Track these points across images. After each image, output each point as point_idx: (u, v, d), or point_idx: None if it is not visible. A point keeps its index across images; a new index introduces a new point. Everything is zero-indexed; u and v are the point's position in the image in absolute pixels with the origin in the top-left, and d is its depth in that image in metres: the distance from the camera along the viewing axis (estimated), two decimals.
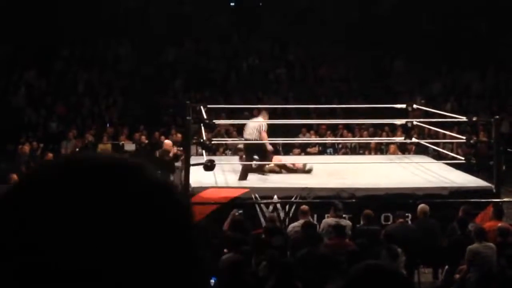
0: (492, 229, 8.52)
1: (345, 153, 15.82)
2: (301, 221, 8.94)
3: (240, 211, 9.50)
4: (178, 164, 12.16)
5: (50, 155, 13.52)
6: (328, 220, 9.33)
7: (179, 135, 15.09)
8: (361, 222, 9.31)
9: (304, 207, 9.44)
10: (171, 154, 12.12)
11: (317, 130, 16.70)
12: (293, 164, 12.04)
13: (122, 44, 21.20)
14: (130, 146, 14.43)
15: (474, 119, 13.20)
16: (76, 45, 20.63)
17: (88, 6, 20.48)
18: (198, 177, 10.58)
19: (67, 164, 0.73)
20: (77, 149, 14.91)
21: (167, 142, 12.98)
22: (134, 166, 0.74)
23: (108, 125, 17.08)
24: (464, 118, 13.28)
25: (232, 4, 22.90)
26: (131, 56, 20.88)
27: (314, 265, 7.52)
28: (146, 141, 15.45)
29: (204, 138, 12.06)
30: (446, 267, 8.68)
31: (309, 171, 11.74)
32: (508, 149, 14.44)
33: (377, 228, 9.04)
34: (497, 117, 12.56)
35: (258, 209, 10.17)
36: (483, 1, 20.90)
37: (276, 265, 7.01)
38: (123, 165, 0.73)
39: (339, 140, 16.15)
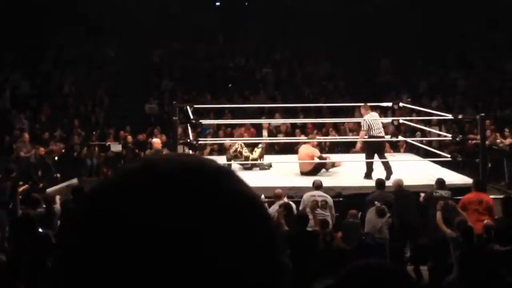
0: (472, 201, 8.99)
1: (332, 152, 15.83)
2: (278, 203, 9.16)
3: None
4: None
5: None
6: (308, 193, 9.64)
7: (163, 136, 15.06)
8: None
9: (279, 190, 9.68)
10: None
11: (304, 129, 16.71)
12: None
13: (109, 45, 21.13)
14: (116, 147, 14.38)
15: (460, 116, 13.28)
16: (63, 46, 20.53)
17: (74, 7, 20.40)
18: None
19: (154, 168, 0.70)
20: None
21: (157, 141, 12.92)
22: (223, 172, 0.72)
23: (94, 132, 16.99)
24: (450, 116, 13.35)
25: (217, 4, 22.87)
26: (118, 57, 20.82)
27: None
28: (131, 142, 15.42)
29: (191, 138, 12.07)
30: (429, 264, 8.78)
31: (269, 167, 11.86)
32: (494, 146, 14.54)
33: (358, 222, 9.27)
34: (483, 114, 12.65)
35: None
36: (470, 1, 21.00)
37: None
38: (210, 170, 0.71)
39: (326, 139, 16.14)
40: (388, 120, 14.54)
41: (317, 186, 9.76)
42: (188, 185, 0.68)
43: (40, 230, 7.31)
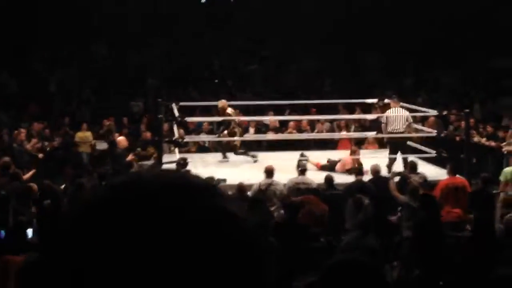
0: (449, 188, 9.47)
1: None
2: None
3: (224, 178, 9.91)
4: (151, 162, 12.12)
5: None
6: (293, 178, 9.89)
7: (148, 134, 15.02)
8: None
9: (269, 166, 9.90)
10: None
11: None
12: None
13: (96, 43, 21.05)
14: (102, 145, 14.34)
15: (445, 112, 13.36)
16: (50, 45, 20.43)
17: (62, 6, 20.29)
18: None
19: (135, 186, 0.70)
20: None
21: (122, 139, 12.85)
22: (205, 189, 0.72)
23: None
24: (435, 112, 13.42)
25: (203, 1, 22.80)
26: (106, 56, 20.75)
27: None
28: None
29: (177, 135, 12.06)
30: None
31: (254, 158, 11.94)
32: (479, 142, 14.60)
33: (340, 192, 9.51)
34: (467, 110, 12.73)
35: None
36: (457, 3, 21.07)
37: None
38: (195, 187, 0.72)
39: (314, 135, 16.11)
40: (374, 116, 14.60)
41: (267, 171, 9.83)
42: (171, 203, 0.68)
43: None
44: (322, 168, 11.65)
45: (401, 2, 21.34)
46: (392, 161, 11.61)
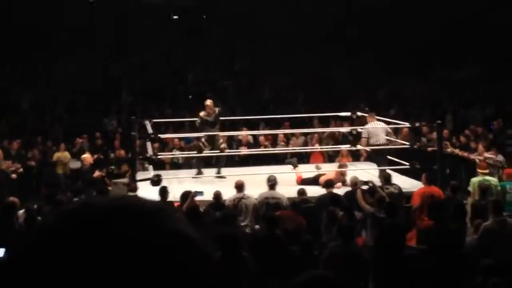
0: (422, 193, 9.76)
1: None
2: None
3: (201, 191, 9.80)
4: (125, 180, 12.03)
5: None
6: (263, 193, 9.89)
7: (122, 152, 14.94)
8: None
9: (239, 180, 9.94)
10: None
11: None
12: None
13: (67, 60, 20.91)
14: (75, 164, 14.22)
15: (417, 124, 13.47)
16: (19, 62, 20.28)
17: (32, 21, 20.16)
18: (145, 192, 10.50)
19: (82, 214, 0.69)
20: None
21: (87, 156, 12.78)
22: (156, 212, 0.71)
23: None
24: (407, 124, 13.53)
25: (175, 17, 22.85)
26: (76, 72, 20.62)
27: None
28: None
29: (150, 152, 12.00)
30: None
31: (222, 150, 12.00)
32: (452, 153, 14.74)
33: (312, 205, 9.55)
34: (439, 122, 12.86)
35: None
36: (429, 8, 21.32)
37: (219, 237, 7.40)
38: (145, 212, 0.70)
39: (288, 150, 16.15)
40: (347, 129, 14.70)
41: (238, 186, 9.86)
42: (119, 229, 0.67)
43: None
44: (302, 182, 11.63)
45: (371, 14, 21.57)
46: (382, 172, 11.71)
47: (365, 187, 10.22)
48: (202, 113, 12.07)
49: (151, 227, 0.68)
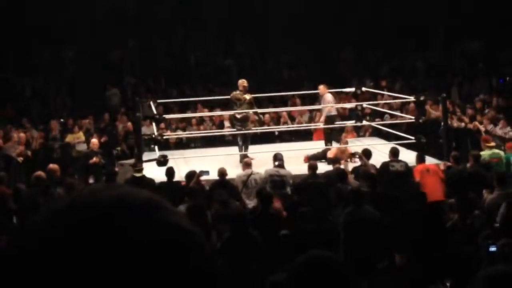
0: (418, 170, 9.86)
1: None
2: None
3: (207, 170, 9.88)
4: (131, 161, 12.03)
5: None
6: (269, 170, 9.82)
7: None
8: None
9: (248, 159, 10.00)
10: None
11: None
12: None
13: (67, 47, 20.82)
14: (81, 146, 14.23)
15: (422, 98, 13.40)
16: (21, 51, 20.17)
17: (31, 10, 20.05)
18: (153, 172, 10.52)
19: (75, 209, 0.67)
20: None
21: (94, 141, 12.81)
22: (151, 206, 0.69)
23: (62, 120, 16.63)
24: (412, 98, 13.47)
25: None
26: (77, 59, 20.55)
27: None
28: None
29: (156, 133, 12.00)
30: None
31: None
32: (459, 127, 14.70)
33: (321, 181, 9.45)
34: (444, 95, 12.80)
35: None
36: None
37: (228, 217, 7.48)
38: (139, 205, 0.68)
39: (294, 127, 16.12)
40: (352, 105, 14.64)
41: (245, 164, 9.91)
42: (109, 223, 0.66)
43: None
44: (310, 158, 11.56)
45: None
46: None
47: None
48: (238, 93, 11.88)
49: (142, 222, 0.67)
